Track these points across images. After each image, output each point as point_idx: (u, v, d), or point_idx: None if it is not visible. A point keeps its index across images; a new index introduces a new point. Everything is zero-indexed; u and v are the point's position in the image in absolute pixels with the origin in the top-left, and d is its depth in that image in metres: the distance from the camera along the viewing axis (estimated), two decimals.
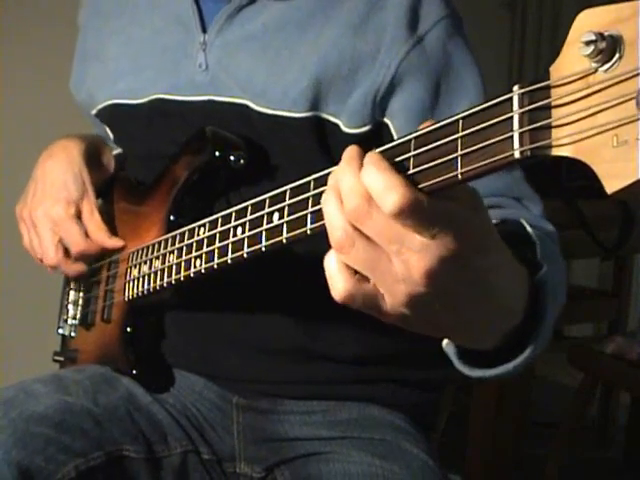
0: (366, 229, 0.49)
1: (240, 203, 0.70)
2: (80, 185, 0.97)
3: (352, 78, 0.84)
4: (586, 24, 0.41)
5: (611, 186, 0.39)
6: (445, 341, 0.64)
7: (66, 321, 1.09)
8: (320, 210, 0.56)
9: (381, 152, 0.52)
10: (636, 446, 2.42)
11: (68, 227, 0.95)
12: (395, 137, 0.86)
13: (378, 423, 0.92)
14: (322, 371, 0.92)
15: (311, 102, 0.85)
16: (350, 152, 0.52)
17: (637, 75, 0.39)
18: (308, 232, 0.59)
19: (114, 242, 0.97)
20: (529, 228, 0.68)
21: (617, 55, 0.40)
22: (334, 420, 0.92)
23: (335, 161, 0.87)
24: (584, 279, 3.30)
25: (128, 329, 0.95)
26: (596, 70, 0.41)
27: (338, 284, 0.51)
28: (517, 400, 1.98)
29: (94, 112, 1.02)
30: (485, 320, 0.55)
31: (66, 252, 0.96)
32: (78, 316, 1.06)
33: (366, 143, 0.87)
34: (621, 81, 0.39)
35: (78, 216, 0.96)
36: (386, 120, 0.86)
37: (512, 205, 0.84)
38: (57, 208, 0.95)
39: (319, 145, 0.87)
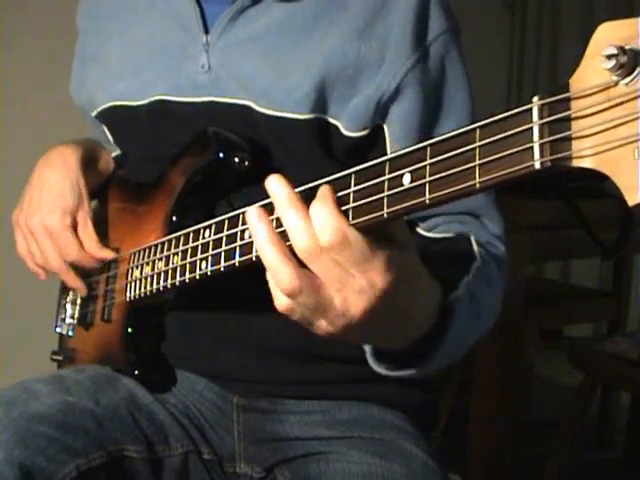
0: (315, 267, 0.56)
1: (243, 205, 0.69)
2: (77, 194, 0.97)
3: (355, 82, 0.85)
4: (606, 37, 0.42)
5: (632, 199, 0.40)
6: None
7: (64, 320, 1.09)
8: None
9: (398, 157, 0.53)
10: (636, 446, 2.42)
11: (63, 237, 0.95)
12: (388, 144, 0.87)
13: (378, 423, 0.92)
14: (322, 371, 0.92)
15: (314, 104, 0.85)
16: (287, 191, 0.58)
17: None
18: None
19: (105, 254, 0.97)
20: (475, 246, 0.81)
21: (638, 69, 0.40)
22: (334, 420, 0.92)
23: (337, 163, 0.88)
24: (584, 279, 3.30)
25: (129, 329, 0.95)
26: (617, 83, 0.41)
27: (281, 299, 0.59)
28: (517, 400, 1.98)
29: (94, 114, 1.02)
30: (401, 332, 0.64)
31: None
32: (76, 315, 1.06)
33: (364, 146, 0.88)
34: None
35: (74, 225, 0.97)
36: (384, 125, 0.88)
37: (470, 222, 0.89)
38: (53, 217, 0.95)
39: (321, 147, 0.87)
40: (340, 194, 0.57)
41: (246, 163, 0.86)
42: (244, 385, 0.93)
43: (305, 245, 0.55)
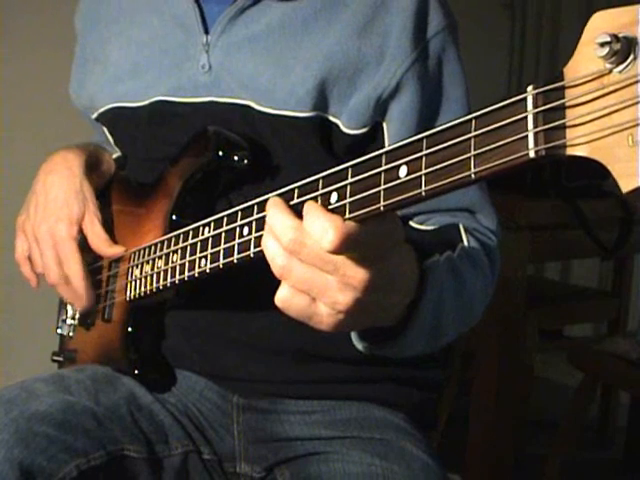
0: (303, 256, 0.57)
1: (243, 202, 0.70)
2: (82, 201, 0.97)
3: (355, 80, 0.86)
4: (600, 25, 0.42)
5: (626, 185, 0.40)
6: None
7: (65, 321, 1.09)
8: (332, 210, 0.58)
9: (394, 150, 0.54)
10: (636, 446, 2.42)
11: (66, 248, 0.95)
12: (387, 141, 0.88)
13: (378, 423, 0.92)
14: (322, 371, 0.92)
15: (315, 102, 0.85)
16: (272, 200, 0.60)
17: None
18: None
19: (115, 251, 0.96)
20: (463, 232, 0.84)
21: (632, 56, 0.40)
22: (334, 420, 0.92)
23: (337, 161, 0.88)
24: (584, 279, 3.30)
25: (129, 329, 0.95)
26: (611, 71, 0.41)
27: (279, 292, 0.60)
28: (517, 400, 1.98)
29: (95, 116, 1.02)
30: (392, 301, 0.64)
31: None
32: (77, 316, 1.06)
33: (363, 144, 0.88)
34: (636, 82, 0.40)
35: (80, 233, 0.96)
36: (383, 123, 0.88)
37: (462, 216, 0.89)
38: (60, 227, 0.95)
39: (321, 145, 0.88)
40: (337, 187, 0.57)
41: (245, 161, 0.86)
42: (244, 385, 0.93)
43: (290, 237, 0.56)
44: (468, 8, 2.70)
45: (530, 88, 0.45)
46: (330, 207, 0.57)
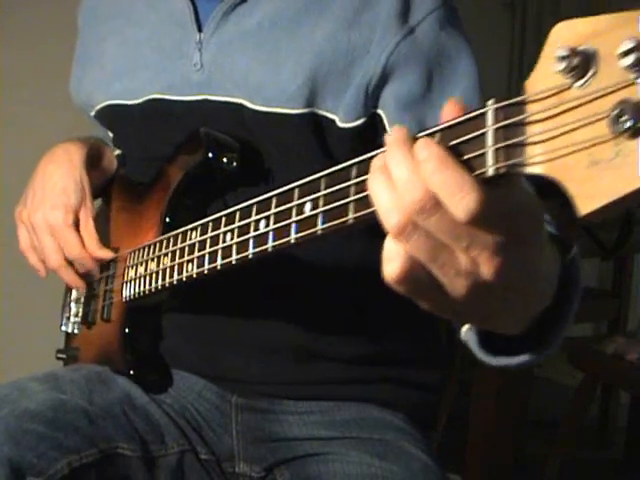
0: (429, 225, 0.45)
1: (237, 204, 0.69)
2: (79, 192, 0.97)
3: (347, 73, 0.84)
4: (562, 37, 0.40)
5: (584, 207, 0.38)
6: (465, 328, 0.64)
7: (69, 318, 1.09)
8: (303, 220, 0.57)
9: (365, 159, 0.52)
10: (636, 446, 2.42)
11: (65, 235, 0.95)
12: (387, 127, 0.86)
13: (377, 423, 0.91)
14: (321, 371, 0.91)
15: (307, 98, 0.84)
16: (398, 135, 0.48)
17: (611, 93, 0.37)
18: (292, 241, 0.59)
19: (104, 253, 0.97)
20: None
21: (592, 71, 0.38)
22: (333, 420, 0.92)
23: (331, 158, 0.87)
24: (584, 279, 3.28)
25: (126, 329, 0.95)
26: (570, 86, 0.39)
27: (393, 264, 0.48)
28: (517, 400, 1.97)
29: (93, 113, 1.02)
30: (526, 305, 0.53)
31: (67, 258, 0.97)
32: (80, 314, 1.06)
33: (361, 136, 0.87)
34: (595, 98, 0.38)
35: (76, 223, 0.97)
36: (379, 111, 0.86)
37: None
38: (55, 214, 0.95)
39: (315, 142, 0.87)
40: (341, 187, 0.55)
41: (234, 164, 0.86)
42: (243, 385, 0.93)
43: (415, 196, 0.45)
44: (468, 8, 2.69)
45: (490, 102, 0.43)
46: (303, 217, 0.57)
